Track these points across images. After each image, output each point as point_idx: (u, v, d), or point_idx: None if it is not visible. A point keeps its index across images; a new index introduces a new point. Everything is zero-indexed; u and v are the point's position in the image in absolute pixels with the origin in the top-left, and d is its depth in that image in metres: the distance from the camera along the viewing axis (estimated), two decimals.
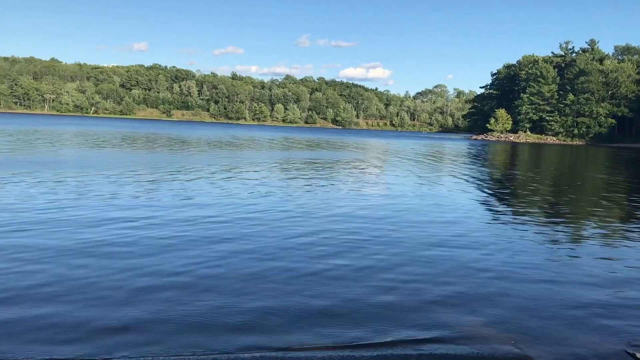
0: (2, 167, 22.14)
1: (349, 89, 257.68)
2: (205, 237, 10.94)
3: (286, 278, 8.40)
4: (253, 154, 40.15)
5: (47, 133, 56.96)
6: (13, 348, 5.69)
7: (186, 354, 5.69)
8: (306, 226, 12.34)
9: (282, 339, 6.21)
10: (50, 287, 7.57)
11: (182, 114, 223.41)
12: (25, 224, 11.35)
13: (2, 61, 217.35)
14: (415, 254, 10.18)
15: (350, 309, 7.22)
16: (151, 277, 8.19)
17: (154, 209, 13.87)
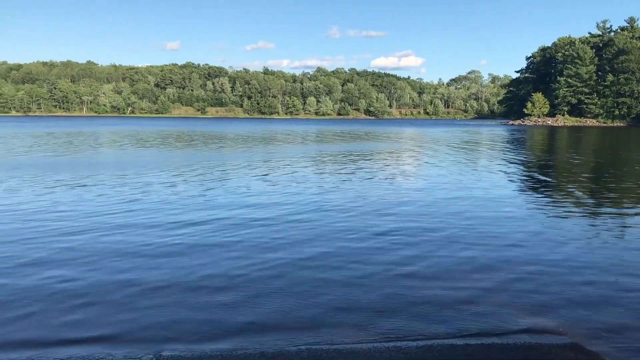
0: (70, 170, 22.73)
1: (381, 78, 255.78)
2: (261, 236, 11.02)
3: (349, 277, 8.35)
4: (292, 148, 40.23)
5: (91, 134, 58.30)
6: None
7: (250, 349, 5.75)
8: (354, 222, 12.15)
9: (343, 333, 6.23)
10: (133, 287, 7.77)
11: (216, 110, 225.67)
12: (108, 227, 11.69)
13: (41, 66, 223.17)
14: (484, 254, 9.55)
15: (400, 302, 7.21)
16: (217, 277, 8.32)
17: (214, 209, 14.06)
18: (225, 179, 19.82)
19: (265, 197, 15.55)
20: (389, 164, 26.66)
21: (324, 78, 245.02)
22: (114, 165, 24.88)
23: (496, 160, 29.68)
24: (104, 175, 20.72)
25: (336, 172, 22.68)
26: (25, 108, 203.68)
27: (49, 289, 7.56)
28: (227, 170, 23.16)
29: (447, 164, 27.12)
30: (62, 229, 11.13)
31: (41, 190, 16.51)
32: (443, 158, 30.63)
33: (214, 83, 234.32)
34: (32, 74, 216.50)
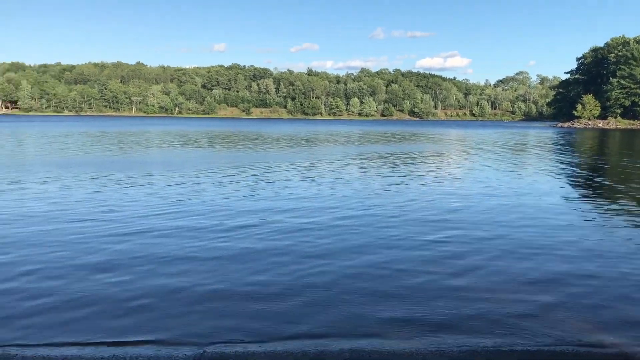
0: (121, 169, 23.32)
1: (426, 79, 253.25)
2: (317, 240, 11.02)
3: (408, 285, 8.26)
4: (336, 149, 40.19)
5: (141, 134, 59.75)
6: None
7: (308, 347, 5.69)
8: (402, 228, 11.90)
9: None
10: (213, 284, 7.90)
11: (260, 111, 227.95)
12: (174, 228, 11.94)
13: (92, 67, 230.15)
14: (541, 266, 9.06)
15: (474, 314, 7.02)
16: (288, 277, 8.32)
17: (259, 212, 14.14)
18: (272, 181, 19.84)
19: (312, 200, 15.41)
20: (436, 167, 26.20)
21: (368, 79, 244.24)
22: (163, 165, 25.30)
23: (547, 164, 28.84)
24: (154, 175, 21.06)
25: (381, 174, 22.43)
26: (77, 108, 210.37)
27: (99, 291, 7.64)
28: (273, 171, 23.23)
29: (495, 167, 26.49)
30: (114, 230, 11.30)
31: (94, 190, 16.87)
32: (491, 161, 29.94)
33: (259, 84, 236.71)
34: (84, 74, 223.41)
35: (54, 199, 15.10)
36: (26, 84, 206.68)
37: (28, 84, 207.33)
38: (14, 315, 6.68)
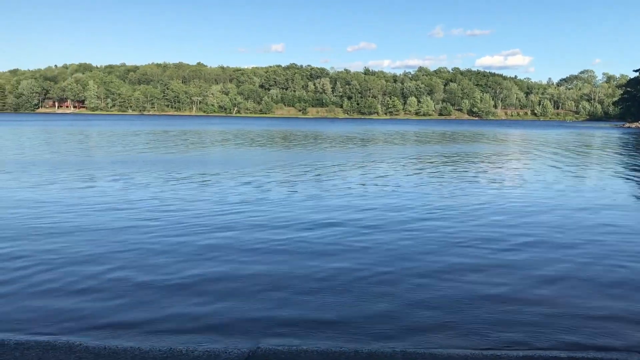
0: (188, 166, 23.99)
1: (485, 78, 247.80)
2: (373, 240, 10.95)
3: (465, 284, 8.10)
4: (396, 149, 39.87)
5: (204, 133, 61.21)
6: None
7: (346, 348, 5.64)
8: (478, 231, 11.50)
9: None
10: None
11: (316, 111, 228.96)
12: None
13: (155, 67, 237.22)
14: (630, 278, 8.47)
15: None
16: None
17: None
18: (337, 179, 19.86)
19: (374, 201, 15.25)
20: (502, 169, 25.43)
21: (426, 78, 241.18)
22: (227, 163, 25.89)
23: (616, 166, 27.65)
24: (220, 173, 21.59)
25: (445, 176, 22.00)
26: (140, 107, 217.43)
27: (166, 280, 7.92)
28: (337, 170, 23.33)
29: (564, 169, 25.56)
30: (182, 225, 11.66)
31: (165, 186, 17.45)
32: (559, 163, 28.90)
33: (315, 84, 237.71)
34: (148, 75, 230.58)
35: (138, 195, 15.67)
36: (93, 84, 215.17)
37: (95, 84, 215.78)
38: (66, 308, 6.93)
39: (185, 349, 5.57)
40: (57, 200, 14.55)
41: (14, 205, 13.73)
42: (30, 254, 9.19)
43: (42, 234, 10.62)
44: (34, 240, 10.12)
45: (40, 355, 5.37)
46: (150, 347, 5.62)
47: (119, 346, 5.66)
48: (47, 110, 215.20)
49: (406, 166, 25.45)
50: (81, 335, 6.01)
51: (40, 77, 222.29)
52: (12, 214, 12.65)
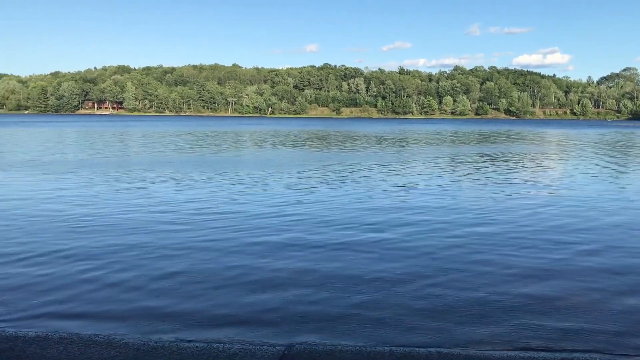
0: (238, 166, 24.43)
1: (523, 76, 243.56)
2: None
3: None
4: (435, 149, 39.57)
5: (245, 133, 61.89)
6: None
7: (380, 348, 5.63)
8: (531, 236, 11.22)
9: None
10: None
11: (350, 111, 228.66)
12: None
13: (191, 69, 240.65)
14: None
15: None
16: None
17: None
18: (378, 180, 19.86)
19: (425, 202, 15.06)
20: (550, 170, 24.85)
21: (462, 77, 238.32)
22: (271, 164, 26.23)
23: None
24: (266, 173, 21.89)
25: (492, 177, 21.63)
26: (177, 108, 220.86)
27: (224, 273, 8.24)
28: (376, 170, 23.39)
29: (613, 169, 24.95)
30: (236, 225, 11.88)
31: (216, 187, 17.76)
32: (608, 164, 28.10)
33: (349, 84, 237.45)
34: (184, 76, 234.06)
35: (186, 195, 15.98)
36: (131, 85, 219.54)
37: (133, 85, 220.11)
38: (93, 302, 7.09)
39: (222, 346, 5.65)
40: (113, 199, 14.97)
41: (82, 203, 14.17)
42: (81, 252, 9.46)
43: (89, 231, 10.92)
44: (87, 238, 10.41)
45: (82, 350, 5.51)
46: (188, 344, 5.72)
47: (157, 342, 5.77)
48: (87, 111, 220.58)
49: (453, 167, 25.28)
50: (121, 331, 6.17)
51: (80, 79, 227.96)
52: (77, 212, 13.05)
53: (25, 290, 7.52)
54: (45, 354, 5.41)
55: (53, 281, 7.90)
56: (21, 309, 6.83)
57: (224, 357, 5.38)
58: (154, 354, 5.43)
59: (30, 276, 8.11)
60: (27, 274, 8.20)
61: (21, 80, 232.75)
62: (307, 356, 5.41)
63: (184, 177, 20.31)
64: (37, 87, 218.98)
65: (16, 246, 9.80)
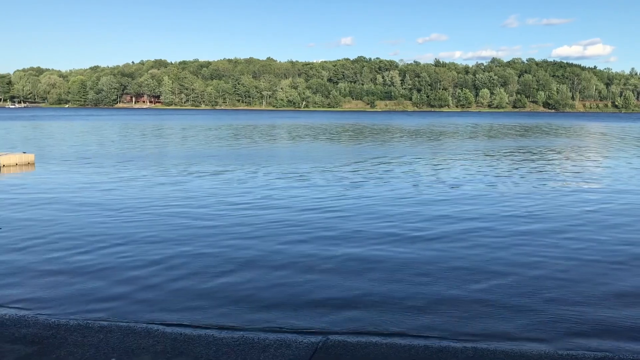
0: (281, 160, 24.60)
1: (562, 68, 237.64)
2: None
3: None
4: (477, 142, 39.10)
5: (285, 127, 62.32)
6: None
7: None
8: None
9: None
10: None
11: (385, 104, 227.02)
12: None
13: (226, 63, 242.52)
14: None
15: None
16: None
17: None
18: (421, 175, 19.78)
19: (480, 198, 14.88)
20: (589, 163, 24.38)
21: (499, 69, 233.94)
22: (314, 158, 26.47)
23: None
24: (311, 167, 22.04)
25: (543, 172, 21.34)
26: (213, 102, 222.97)
27: (250, 267, 8.35)
28: (425, 164, 23.31)
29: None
30: (288, 218, 11.95)
31: (264, 181, 17.97)
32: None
33: (384, 76, 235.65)
34: (219, 70, 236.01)
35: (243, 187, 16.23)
36: (167, 79, 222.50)
37: (169, 79, 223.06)
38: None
39: (257, 338, 5.71)
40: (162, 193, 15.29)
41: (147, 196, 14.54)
42: (125, 242, 9.69)
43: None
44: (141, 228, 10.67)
45: (121, 339, 5.64)
46: (224, 334, 5.80)
47: (194, 332, 5.87)
48: (125, 105, 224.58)
49: (497, 161, 25.03)
50: (159, 321, 6.29)
51: (118, 73, 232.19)
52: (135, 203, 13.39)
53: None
54: (86, 342, 5.55)
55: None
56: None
57: (259, 347, 5.43)
58: (191, 344, 5.53)
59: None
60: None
61: (62, 74, 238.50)
62: (342, 349, 5.42)
63: (233, 171, 20.57)
64: (77, 82, 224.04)
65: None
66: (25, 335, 5.70)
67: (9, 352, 5.27)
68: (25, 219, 11.76)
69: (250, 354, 5.27)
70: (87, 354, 5.24)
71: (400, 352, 5.33)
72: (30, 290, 7.29)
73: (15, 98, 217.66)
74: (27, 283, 7.59)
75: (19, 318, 6.24)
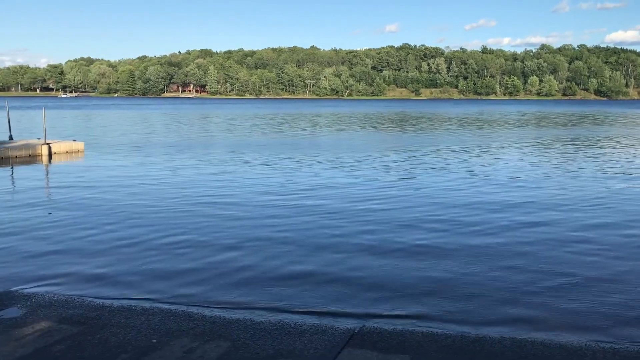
0: (341, 150, 24.78)
1: (616, 55, 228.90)
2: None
3: None
4: (532, 131, 38.31)
5: (335, 116, 62.44)
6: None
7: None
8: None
9: None
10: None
11: (430, 92, 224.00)
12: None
13: (270, 52, 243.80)
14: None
15: None
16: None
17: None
18: (477, 165, 19.51)
19: (546, 190, 14.37)
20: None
21: (549, 56, 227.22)
22: (365, 147, 26.55)
23: None
24: (360, 157, 22.10)
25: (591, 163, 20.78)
26: (257, 91, 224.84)
27: (291, 257, 8.38)
28: (471, 154, 22.99)
29: None
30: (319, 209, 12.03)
31: (316, 171, 17.89)
32: None
33: (429, 64, 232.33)
34: (263, 59, 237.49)
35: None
36: (213, 69, 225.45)
37: (215, 69, 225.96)
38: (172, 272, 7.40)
39: (293, 323, 5.78)
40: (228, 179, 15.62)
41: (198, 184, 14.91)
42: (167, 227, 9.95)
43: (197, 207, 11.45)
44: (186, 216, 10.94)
45: (162, 321, 5.80)
46: (262, 319, 5.89)
47: (232, 316, 5.99)
48: (172, 94, 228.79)
49: (554, 151, 24.48)
50: (200, 305, 6.44)
51: (165, 63, 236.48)
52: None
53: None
54: (129, 324, 5.73)
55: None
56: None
57: (295, 333, 5.50)
58: (229, 327, 5.64)
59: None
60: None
61: (111, 64, 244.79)
62: (377, 336, 5.43)
63: (284, 160, 20.60)
64: (126, 71, 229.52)
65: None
66: (72, 316, 5.92)
67: (56, 331, 5.49)
68: (73, 204, 12.18)
69: (286, 338, 5.34)
70: (129, 335, 5.41)
71: (436, 340, 5.31)
72: (78, 272, 7.57)
73: (67, 88, 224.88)
74: (75, 264, 7.88)
75: (66, 299, 6.49)
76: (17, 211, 11.46)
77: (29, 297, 6.54)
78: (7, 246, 8.83)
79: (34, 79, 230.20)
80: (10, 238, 9.30)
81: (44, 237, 9.36)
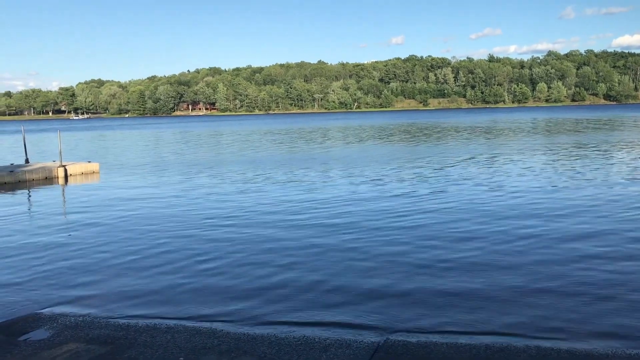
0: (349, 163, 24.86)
1: (624, 59, 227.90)
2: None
3: None
4: (544, 139, 38.17)
5: (346, 129, 62.58)
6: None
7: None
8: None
9: None
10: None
11: (438, 102, 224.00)
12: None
13: (278, 68, 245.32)
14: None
15: None
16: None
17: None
18: (496, 175, 19.40)
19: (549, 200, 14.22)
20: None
21: (556, 62, 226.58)
22: (381, 160, 26.58)
23: None
24: (380, 170, 21.96)
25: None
26: (266, 107, 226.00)
27: (323, 272, 8.47)
28: (489, 164, 22.90)
29: None
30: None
31: (338, 185, 17.86)
32: None
33: (437, 74, 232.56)
34: (272, 75, 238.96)
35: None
36: (222, 86, 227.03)
37: (224, 86, 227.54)
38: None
39: (318, 337, 5.82)
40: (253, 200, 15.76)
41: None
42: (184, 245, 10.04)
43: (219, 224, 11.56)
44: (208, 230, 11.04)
45: (187, 339, 5.87)
46: (286, 335, 5.94)
47: (257, 333, 6.04)
48: (182, 113, 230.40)
49: (567, 159, 24.30)
50: (224, 322, 6.50)
51: (175, 82, 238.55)
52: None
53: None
54: (155, 342, 5.81)
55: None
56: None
57: (319, 348, 5.54)
58: (253, 344, 5.69)
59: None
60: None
61: (121, 85, 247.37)
62: (402, 349, 5.46)
63: (304, 176, 20.52)
64: (136, 92, 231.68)
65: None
66: (98, 336, 6.01)
67: (84, 352, 5.57)
68: (92, 225, 12.32)
69: (311, 353, 5.39)
70: (157, 354, 5.48)
71: (461, 352, 5.32)
72: (101, 292, 7.67)
73: (79, 109, 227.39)
74: (98, 284, 7.98)
75: (92, 320, 6.58)
76: (38, 233, 11.63)
77: (55, 318, 6.64)
78: (30, 268, 8.96)
79: (46, 102, 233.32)
80: (33, 260, 9.44)
81: (65, 258, 9.49)
